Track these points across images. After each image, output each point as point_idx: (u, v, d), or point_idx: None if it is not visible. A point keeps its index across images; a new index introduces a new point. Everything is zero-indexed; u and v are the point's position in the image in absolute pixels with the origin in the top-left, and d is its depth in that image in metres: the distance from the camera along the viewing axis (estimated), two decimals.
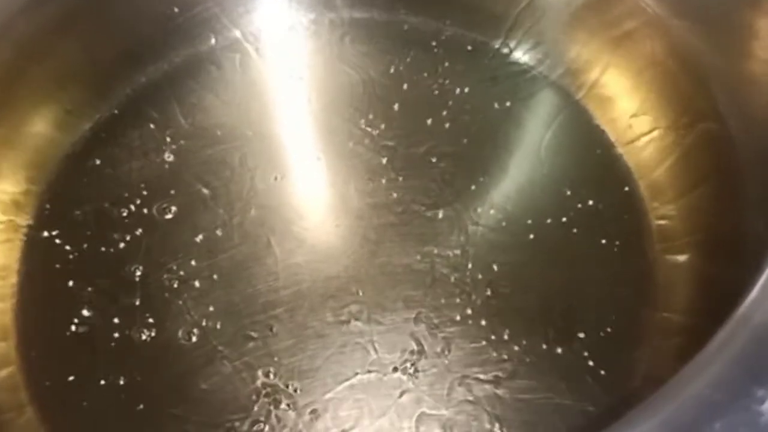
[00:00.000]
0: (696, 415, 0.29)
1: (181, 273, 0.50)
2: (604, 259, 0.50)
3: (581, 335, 0.47)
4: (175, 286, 0.50)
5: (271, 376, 0.47)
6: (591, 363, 0.47)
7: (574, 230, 0.51)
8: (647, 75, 0.53)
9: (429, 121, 0.55)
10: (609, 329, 0.48)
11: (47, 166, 0.54)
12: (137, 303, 0.49)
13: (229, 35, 0.58)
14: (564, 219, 0.51)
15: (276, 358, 0.47)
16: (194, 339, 0.48)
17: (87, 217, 0.52)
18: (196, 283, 0.50)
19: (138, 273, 0.50)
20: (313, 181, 0.54)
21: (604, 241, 0.50)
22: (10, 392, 0.47)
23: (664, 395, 0.31)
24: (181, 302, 0.49)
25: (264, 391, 0.46)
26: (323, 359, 0.47)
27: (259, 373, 0.47)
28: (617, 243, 0.50)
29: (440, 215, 0.52)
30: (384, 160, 0.54)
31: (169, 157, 0.54)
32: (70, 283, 0.50)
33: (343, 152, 0.54)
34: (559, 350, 0.47)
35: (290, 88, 0.58)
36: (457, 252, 0.50)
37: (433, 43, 0.58)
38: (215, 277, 0.50)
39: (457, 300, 0.49)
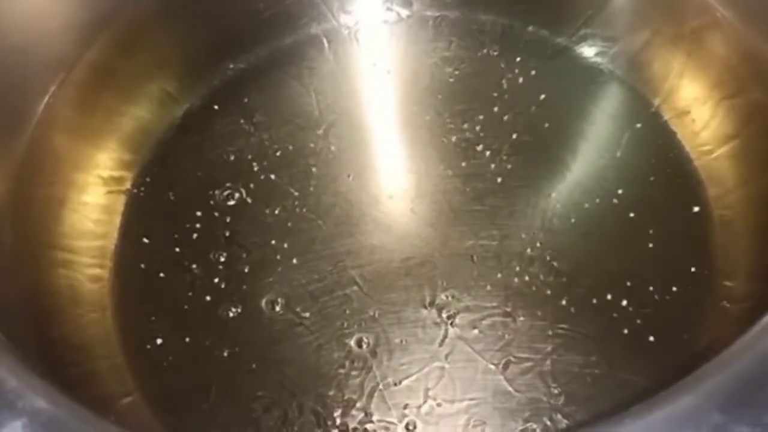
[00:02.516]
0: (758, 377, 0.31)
1: (264, 253, 0.53)
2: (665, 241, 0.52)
3: (643, 310, 0.50)
4: (258, 265, 0.53)
5: (361, 345, 0.50)
6: (652, 338, 0.49)
7: (635, 215, 0.53)
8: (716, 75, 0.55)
9: (506, 117, 0.57)
10: (670, 305, 0.50)
11: (141, 150, 0.57)
12: (223, 285, 0.52)
13: (319, 27, 0.61)
14: (627, 208, 0.53)
15: (357, 333, 0.50)
16: (279, 312, 0.51)
17: (178, 199, 0.56)
18: (278, 263, 0.53)
19: (222, 257, 0.53)
20: (392, 168, 0.57)
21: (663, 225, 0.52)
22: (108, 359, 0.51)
23: (722, 361, 0.33)
24: (265, 280, 0.52)
25: (348, 362, 0.49)
26: (402, 335, 0.50)
27: (350, 341, 0.50)
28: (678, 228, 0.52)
29: (512, 202, 0.54)
30: (460, 151, 0.56)
31: (254, 143, 0.57)
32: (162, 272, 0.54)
33: (422, 142, 0.57)
34: (625, 331, 0.49)
35: (377, 81, 0.61)
36: (527, 236, 0.53)
37: (509, 42, 0.60)
38: (294, 261, 0.53)
39: (526, 278, 0.51)
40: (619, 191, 0.54)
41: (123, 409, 0.48)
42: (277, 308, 0.51)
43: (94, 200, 0.55)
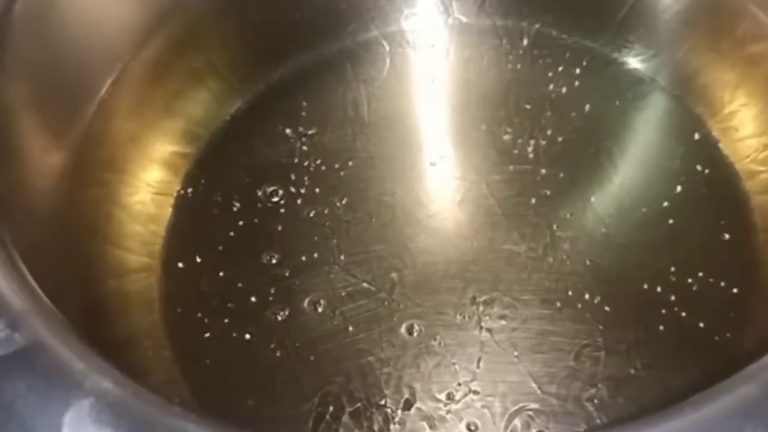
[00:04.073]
0: None
1: (313, 255, 0.54)
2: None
3: (690, 310, 0.50)
4: (302, 266, 0.53)
5: (411, 334, 0.50)
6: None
7: (677, 220, 0.53)
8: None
9: (551, 124, 0.58)
10: (716, 303, 0.50)
11: (189, 149, 0.58)
12: (268, 284, 0.53)
13: (368, 34, 0.62)
14: (670, 216, 0.54)
15: (401, 330, 0.51)
16: (322, 312, 0.52)
17: (225, 200, 0.56)
18: (323, 264, 0.53)
19: (275, 258, 0.54)
20: (438, 172, 0.58)
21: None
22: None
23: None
24: (309, 282, 0.53)
25: (392, 361, 0.50)
26: (445, 336, 0.50)
27: (394, 339, 0.50)
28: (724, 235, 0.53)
29: (556, 207, 0.55)
30: (507, 157, 0.57)
31: (300, 146, 0.58)
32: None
33: (470, 147, 0.58)
34: (671, 329, 0.49)
35: (426, 87, 0.62)
36: (571, 239, 0.53)
37: (556, 50, 0.61)
38: (342, 257, 0.54)
39: (568, 283, 0.52)
40: (664, 202, 0.54)
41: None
42: (320, 309, 0.52)
43: (141, 199, 0.56)
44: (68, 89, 0.52)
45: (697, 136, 0.56)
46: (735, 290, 0.50)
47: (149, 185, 0.56)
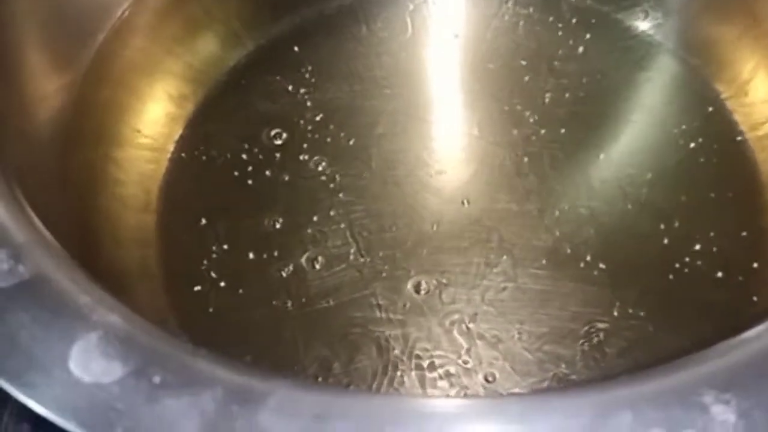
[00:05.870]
0: None
1: (313, 212, 0.53)
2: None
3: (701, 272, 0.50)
4: (306, 223, 0.52)
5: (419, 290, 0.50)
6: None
7: (683, 184, 0.53)
8: None
9: (551, 83, 0.57)
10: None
11: (198, 85, 0.57)
12: (274, 248, 0.52)
13: None
14: (674, 171, 0.53)
15: (404, 289, 0.50)
16: (320, 268, 0.51)
17: (224, 149, 0.55)
18: (329, 223, 0.52)
19: (278, 222, 0.52)
20: (443, 131, 0.57)
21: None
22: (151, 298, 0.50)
23: None
24: (313, 237, 0.52)
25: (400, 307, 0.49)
26: (449, 294, 0.50)
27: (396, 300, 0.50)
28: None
29: (562, 166, 0.54)
30: (513, 115, 0.56)
31: (307, 101, 0.57)
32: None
33: (475, 107, 0.57)
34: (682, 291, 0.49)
35: (439, 46, 0.61)
36: (576, 201, 0.53)
37: (568, 12, 0.60)
38: (343, 213, 0.53)
39: (576, 245, 0.51)
40: (670, 166, 0.54)
41: None
42: (317, 266, 0.51)
43: (140, 143, 0.54)
44: (72, 24, 0.50)
45: (705, 102, 0.56)
46: (742, 251, 0.50)
47: (147, 133, 0.55)
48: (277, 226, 0.52)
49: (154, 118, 0.55)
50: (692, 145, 0.54)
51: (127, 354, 0.31)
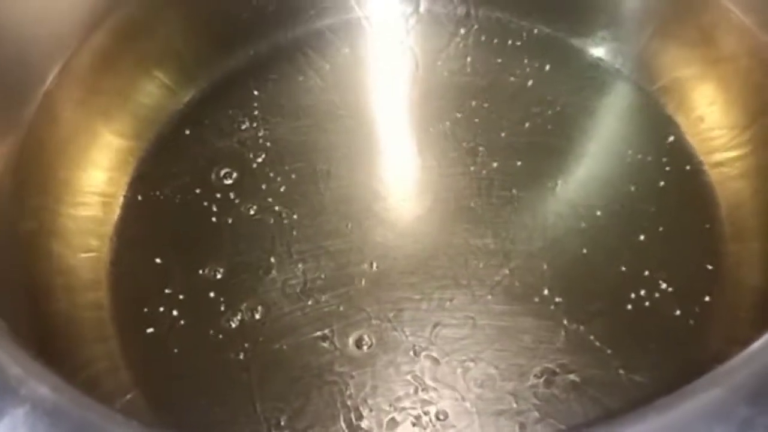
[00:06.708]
0: None
1: (264, 252, 0.52)
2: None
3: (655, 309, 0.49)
4: (256, 263, 0.52)
5: (360, 345, 0.49)
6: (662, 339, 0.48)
7: (640, 212, 0.52)
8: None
9: (504, 111, 0.57)
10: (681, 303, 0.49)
11: (140, 139, 0.56)
12: (220, 282, 0.51)
13: (326, 20, 0.61)
14: (630, 205, 0.53)
15: (356, 331, 0.49)
16: (280, 309, 0.50)
17: (175, 191, 0.55)
18: (276, 259, 0.52)
19: (231, 263, 0.52)
20: (396, 165, 0.56)
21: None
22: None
23: (748, 356, 0.32)
24: (266, 277, 0.51)
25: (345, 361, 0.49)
26: (401, 335, 0.49)
27: (349, 339, 0.49)
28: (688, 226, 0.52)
29: (518, 199, 0.54)
30: (469, 147, 0.56)
31: (259, 134, 0.57)
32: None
33: (428, 140, 0.57)
34: (635, 329, 0.49)
35: (387, 78, 0.60)
36: (532, 234, 0.52)
37: (522, 41, 0.60)
38: (294, 251, 0.52)
39: (531, 279, 0.51)
40: (628, 193, 0.53)
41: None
42: (274, 311, 0.50)
43: (91, 189, 0.54)
44: (9, 79, 0.49)
45: (662, 130, 0.56)
46: (698, 282, 0.50)
47: (98, 173, 0.54)
48: (230, 267, 0.52)
49: (105, 163, 0.55)
50: (649, 174, 0.54)
51: (55, 430, 0.31)
